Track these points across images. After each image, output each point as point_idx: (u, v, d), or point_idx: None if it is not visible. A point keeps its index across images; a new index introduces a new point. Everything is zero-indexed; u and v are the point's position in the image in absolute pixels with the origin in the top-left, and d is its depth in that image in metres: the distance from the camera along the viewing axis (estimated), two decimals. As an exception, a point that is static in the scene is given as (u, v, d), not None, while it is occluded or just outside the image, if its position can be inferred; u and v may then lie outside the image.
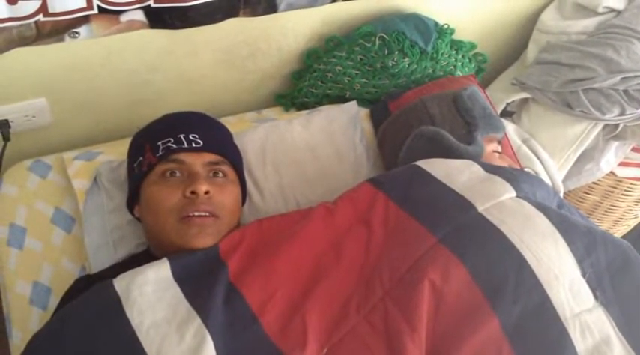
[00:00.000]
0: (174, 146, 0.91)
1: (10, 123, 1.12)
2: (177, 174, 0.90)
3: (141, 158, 0.92)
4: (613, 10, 1.35)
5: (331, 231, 0.87)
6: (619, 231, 1.75)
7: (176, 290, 0.77)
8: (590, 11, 1.37)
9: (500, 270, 0.77)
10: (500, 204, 0.85)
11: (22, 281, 1.01)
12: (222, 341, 0.72)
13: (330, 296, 0.79)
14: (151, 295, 0.76)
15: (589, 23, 1.36)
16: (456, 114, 1.11)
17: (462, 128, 1.09)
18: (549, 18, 1.44)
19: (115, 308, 0.74)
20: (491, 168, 0.95)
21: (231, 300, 0.77)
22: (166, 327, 0.72)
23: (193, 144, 0.92)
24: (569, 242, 0.80)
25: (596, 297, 0.76)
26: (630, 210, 1.62)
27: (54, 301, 0.99)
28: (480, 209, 0.84)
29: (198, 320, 0.73)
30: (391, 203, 0.90)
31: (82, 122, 1.22)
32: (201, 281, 0.79)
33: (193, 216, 0.86)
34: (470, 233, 0.82)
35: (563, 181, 1.46)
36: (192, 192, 0.87)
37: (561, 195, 1.36)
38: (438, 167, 0.95)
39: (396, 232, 0.85)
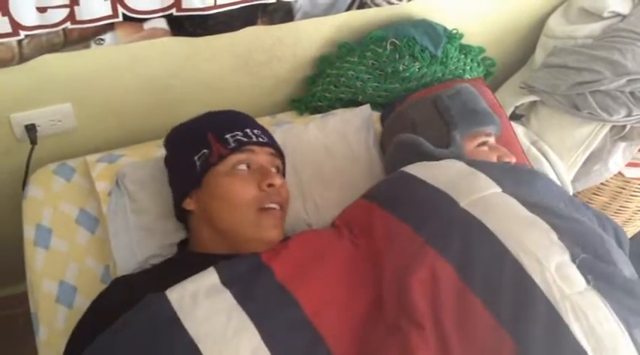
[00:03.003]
0: (245, 139, 0.93)
1: (37, 128, 1.15)
2: (246, 166, 0.93)
3: (205, 150, 0.92)
4: (618, 15, 1.38)
5: (345, 252, 0.90)
6: (628, 232, 1.75)
7: (227, 295, 0.78)
8: (595, 16, 1.40)
9: (485, 263, 0.78)
10: (482, 198, 0.87)
11: (48, 280, 1.03)
12: (277, 344, 0.73)
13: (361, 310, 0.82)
14: (205, 303, 0.76)
15: (595, 27, 1.39)
16: (436, 115, 1.12)
17: (442, 129, 1.10)
18: (556, 23, 1.46)
19: (171, 320, 0.74)
20: (476, 165, 0.97)
21: (285, 304, 0.79)
22: (223, 335, 0.73)
23: (260, 139, 0.96)
24: (556, 230, 0.81)
25: (588, 281, 0.76)
26: (639, 210, 1.63)
27: (79, 299, 1.02)
28: (462, 204, 0.86)
29: (252, 326, 0.74)
30: (384, 212, 0.92)
31: (105, 126, 1.25)
32: (250, 284, 0.81)
33: (269, 207, 0.91)
34: (453, 229, 0.83)
35: (572, 182, 1.48)
36: (269, 185, 0.91)
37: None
38: (423, 169, 0.98)
39: (393, 239, 0.87)
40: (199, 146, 0.93)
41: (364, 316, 0.81)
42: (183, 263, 0.94)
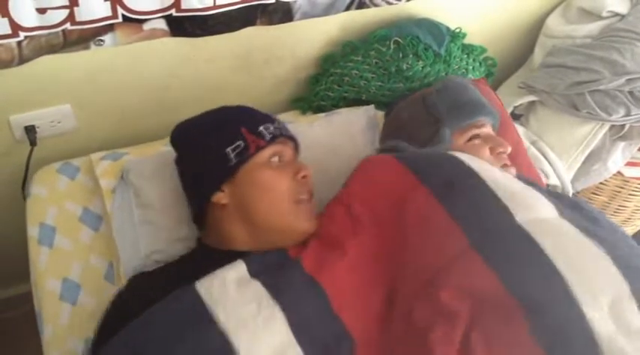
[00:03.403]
0: (278, 132, 0.95)
1: (37, 129, 1.15)
2: (278, 158, 0.94)
3: (240, 142, 0.92)
4: (617, 14, 1.38)
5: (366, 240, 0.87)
6: (627, 231, 1.76)
7: (257, 285, 0.78)
8: (594, 16, 1.40)
9: (533, 280, 0.73)
10: (541, 220, 0.82)
11: (52, 278, 1.04)
12: (305, 335, 0.74)
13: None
14: (234, 293, 0.77)
15: (593, 27, 1.39)
16: (425, 113, 1.09)
17: (432, 126, 1.07)
18: (555, 23, 1.47)
19: (200, 310, 0.75)
20: (526, 181, 0.91)
21: (313, 295, 0.79)
22: (253, 324, 0.73)
23: (285, 132, 0.98)
24: (616, 261, 0.74)
25: None
26: (638, 209, 1.64)
27: (83, 296, 1.03)
28: (518, 218, 0.80)
29: (282, 317, 0.74)
30: (426, 189, 0.87)
31: (105, 127, 1.25)
32: (279, 275, 0.81)
33: (303, 198, 0.93)
34: (505, 241, 0.79)
35: (572, 182, 1.49)
36: (304, 177, 0.94)
37: (570, 195, 1.37)
38: (475, 162, 0.92)
39: (427, 225, 0.83)
40: (232, 138, 0.93)
41: (384, 306, 0.80)
42: (208, 259, 0.92)
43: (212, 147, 0.93)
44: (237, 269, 0.81)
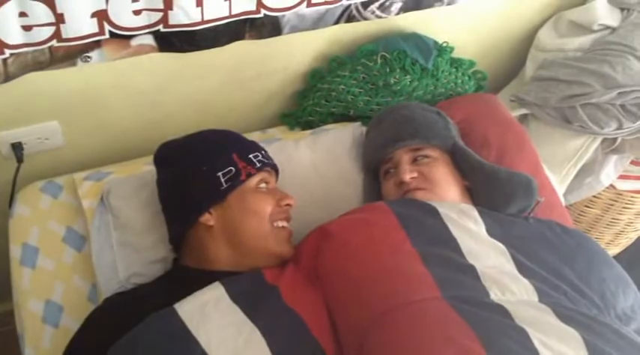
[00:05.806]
0: (266, 160, 1.01)
1: (24, 146, 1.14)
2: (265, 185, 0.99)
3: (231, 168, 0.96)
4: (608, 28, 1.38)
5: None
6: (620, 244, 1.76)
7: (236, 310, 0.80)
8: (585, 29, 1.40)
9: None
10: (515, 301, 0.79)
11: (34, 299, 1.02)
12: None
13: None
14: (214, 315, 0.79)
15: (585, 40, 1.39)
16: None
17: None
18: (546, 36, 1.47)
19: (181, 331, 0.76)
20: (525, 270, 0.86)
21: (293, 323, 0.81)
22: (234, 345, 0.75)
23: (270, 161, 1.04)
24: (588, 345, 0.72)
25: None
26: (631, 222, 1.63)
27: (65, 319, 1.02)
28: (493, 295, 0.79)
29: (263, 340, 0.76)
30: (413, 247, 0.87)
31: (93, 144, 1.24)
32: (258, 300, 0.83)
33: (284, 224, 0.99)
34: (488, 316, 0.75)
35: (564, 195, 1.48)
36: (287, 204, 0.99)
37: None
38: (464, 240, 0.90)
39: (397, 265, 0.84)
40: (224, 164, 0.97)
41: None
42: (186, 279, 0.94)
43: (203, 170, 0.96)
44: (215, 292, 0.83)
